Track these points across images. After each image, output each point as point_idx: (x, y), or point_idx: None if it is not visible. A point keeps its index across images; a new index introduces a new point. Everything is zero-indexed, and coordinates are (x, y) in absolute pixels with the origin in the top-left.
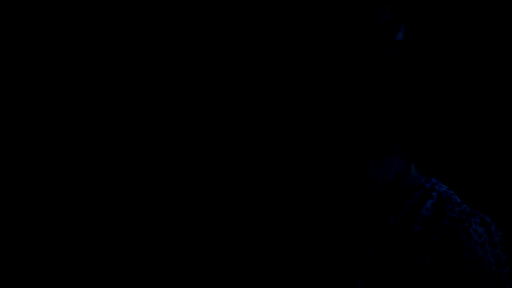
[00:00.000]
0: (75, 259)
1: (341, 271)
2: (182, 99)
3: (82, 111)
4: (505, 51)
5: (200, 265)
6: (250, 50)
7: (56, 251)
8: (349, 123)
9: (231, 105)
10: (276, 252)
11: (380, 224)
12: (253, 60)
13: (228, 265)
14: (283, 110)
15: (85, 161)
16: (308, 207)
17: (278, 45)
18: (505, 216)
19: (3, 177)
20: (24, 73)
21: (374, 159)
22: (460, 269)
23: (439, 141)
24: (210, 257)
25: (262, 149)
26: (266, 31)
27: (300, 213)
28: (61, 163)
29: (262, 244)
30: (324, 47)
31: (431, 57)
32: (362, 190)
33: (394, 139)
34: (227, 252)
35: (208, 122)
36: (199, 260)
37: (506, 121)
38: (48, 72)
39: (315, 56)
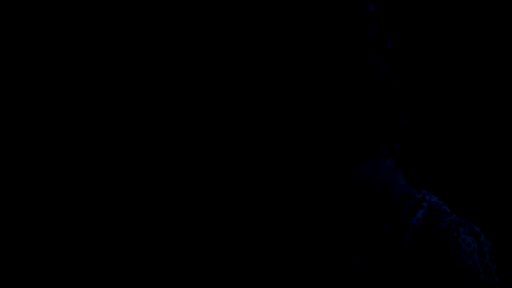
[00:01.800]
0: (75, 259)
1: (331, 283)
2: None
3: (82, 111)
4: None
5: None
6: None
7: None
8: (332, 125)
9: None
10: (270, 259)
11: (370, 235)
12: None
13: (220, 270)
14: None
15: (85, 161)
16: (301, 213)
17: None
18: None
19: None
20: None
21: (361, 162)
22: (449, 279)
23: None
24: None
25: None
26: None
27: (293, 220)
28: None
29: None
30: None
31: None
32: (353, 193)
33: (380, 141)
34: (220, 257)
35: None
36: (193, 264)
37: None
38: (48, 73)
39: (297, 61)
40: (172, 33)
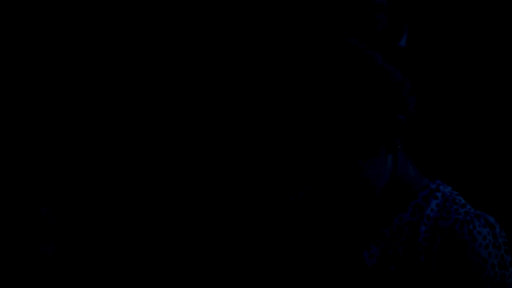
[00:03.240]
0: (75, 259)
1: (343, 274)
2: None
3: (82, 112)
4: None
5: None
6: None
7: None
8: (329, 123)
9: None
10: (277, 255)
11: (383, 225)
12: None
13: (227, 266)
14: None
15: (85, 162)
16: (308, 209)
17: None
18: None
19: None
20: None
21: (363, 160)
22: (463, 271)
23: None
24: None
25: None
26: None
27: (301, 215)
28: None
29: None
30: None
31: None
32: (357, 191)
33: (380, 137)
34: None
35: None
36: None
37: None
38: (47, 74)
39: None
40: (173, 33)
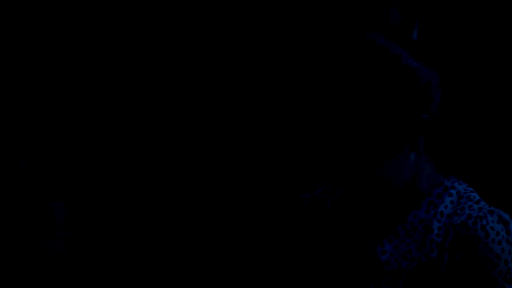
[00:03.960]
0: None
1: (357, 269)
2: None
3: (83, 110)
4: None
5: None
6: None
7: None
8: (352, 121)
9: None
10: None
11: (398, 221)
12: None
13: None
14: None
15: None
16: (324, 206)
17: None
18: None
19: (10, 172)
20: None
21: (386, 157)
22: (476, 266)
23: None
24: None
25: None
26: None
27: (317, 212)
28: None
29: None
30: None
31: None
32: (379, 188)
33: (404, 136)
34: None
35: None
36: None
37: None
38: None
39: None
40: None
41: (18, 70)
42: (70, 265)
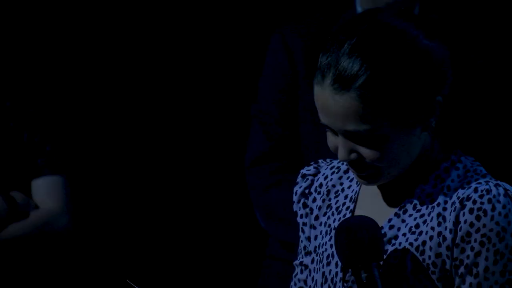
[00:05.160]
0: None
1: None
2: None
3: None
4: None
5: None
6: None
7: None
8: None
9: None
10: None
11: (405, 195)
12: None
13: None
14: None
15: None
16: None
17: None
18: None
19: None
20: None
21: (401, 137)
22: (482, 239)
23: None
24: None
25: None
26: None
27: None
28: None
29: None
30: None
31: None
32: (391, 165)
33: (419, 118)
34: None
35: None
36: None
37: None
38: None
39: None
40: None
41: (18, 70)
42: (74, 243)
